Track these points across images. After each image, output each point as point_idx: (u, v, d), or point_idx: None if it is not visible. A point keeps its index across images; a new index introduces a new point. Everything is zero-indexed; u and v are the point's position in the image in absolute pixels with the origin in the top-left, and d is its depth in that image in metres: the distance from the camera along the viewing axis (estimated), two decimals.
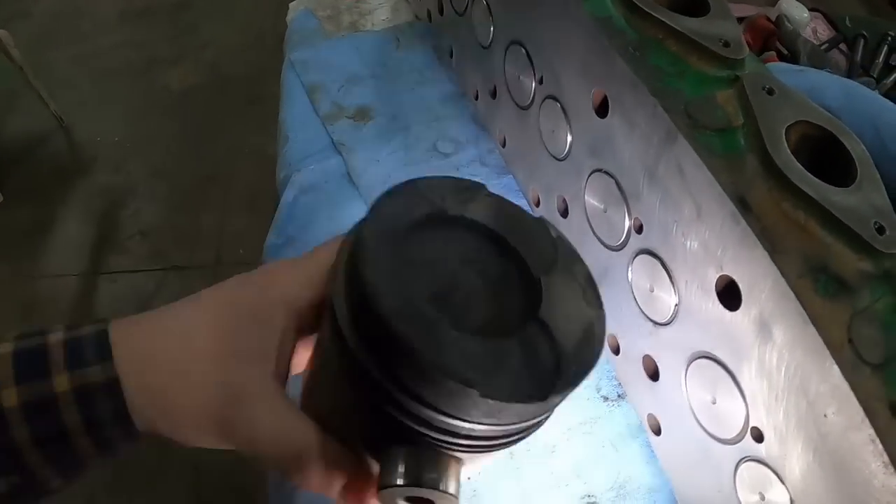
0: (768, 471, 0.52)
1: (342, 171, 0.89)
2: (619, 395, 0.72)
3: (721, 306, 0.52)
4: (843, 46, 1.20)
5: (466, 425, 0.38)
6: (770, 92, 0.55)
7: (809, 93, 0.60)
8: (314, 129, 0.94)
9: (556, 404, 0.40)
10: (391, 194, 0.41)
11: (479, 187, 0.45)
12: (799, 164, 0.50)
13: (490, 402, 0.35)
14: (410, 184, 0.43)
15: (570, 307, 0.41)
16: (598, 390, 0.73)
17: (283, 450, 0.42)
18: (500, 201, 0.45)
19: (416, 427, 0.39)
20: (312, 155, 0.91)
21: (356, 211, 0.83)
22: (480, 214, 0.44)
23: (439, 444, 0.40)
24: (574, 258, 0.45)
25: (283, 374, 0.44)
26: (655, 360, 0.63)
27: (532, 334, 0.39)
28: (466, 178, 0.45)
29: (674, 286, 0.57)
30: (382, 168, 0.89)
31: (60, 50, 3.12)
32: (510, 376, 0.36)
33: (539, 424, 0.42)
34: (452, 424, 0.38)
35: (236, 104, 2.83)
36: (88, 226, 2.42)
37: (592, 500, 0.67)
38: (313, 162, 0.89)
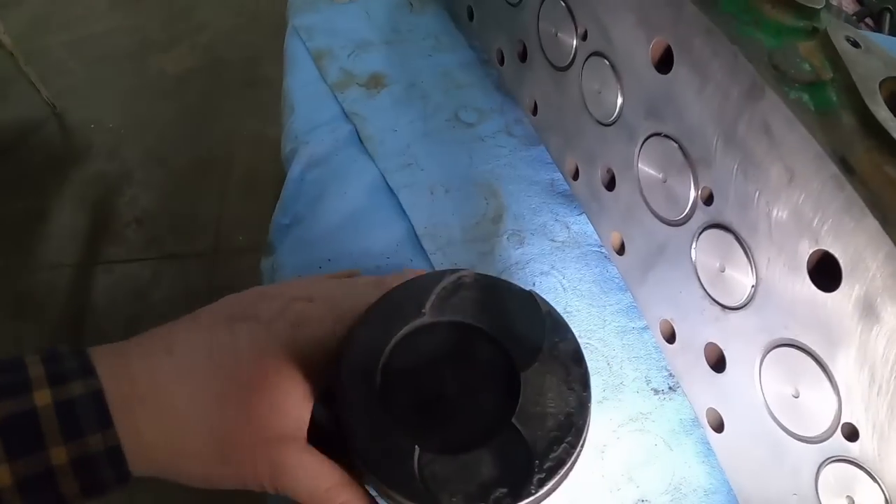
0: (861, 472, 0.46)
1: (354, 140, 0.83)
2: (670, 388, 0.66)
3: (813, 286, 0.46)
4: (868, 20, 1.19)
5: None
6: (855, 45, 0.49)
7: None
8: (322, 98, 0.88)
9: (542, 498, 0.42)
10: (366, 322, 0.46)
11: (462, 276, 0.48)
12: None
13: None
14: (385, 300, 0.47)
15: (550, 400, 0.44)
16: (648, 382, 0.66)
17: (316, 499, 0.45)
18: (485, 284, 0.49)
19: None
20: (321, 126, 0.84)
21: (369, 185, 0.79)
22: (461, 310, 0.47)
23: None
24: (562, 334, 0.47)
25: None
26: (722, 348, 0.57)
27: (506, 440, 0.42)
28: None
29: (752, 265, 0.51)
30: (401, 138, 0.82)
31: (53, 36, 3.10)
32: (481, 489, 0.40)
33: None
34: None
35: (232, 88, 2.81)
36: (83, 214, 2.39)
37: None
38: (322, 133, 0.83)
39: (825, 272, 0.45)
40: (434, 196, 0.76)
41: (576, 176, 0.75)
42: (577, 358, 0.46)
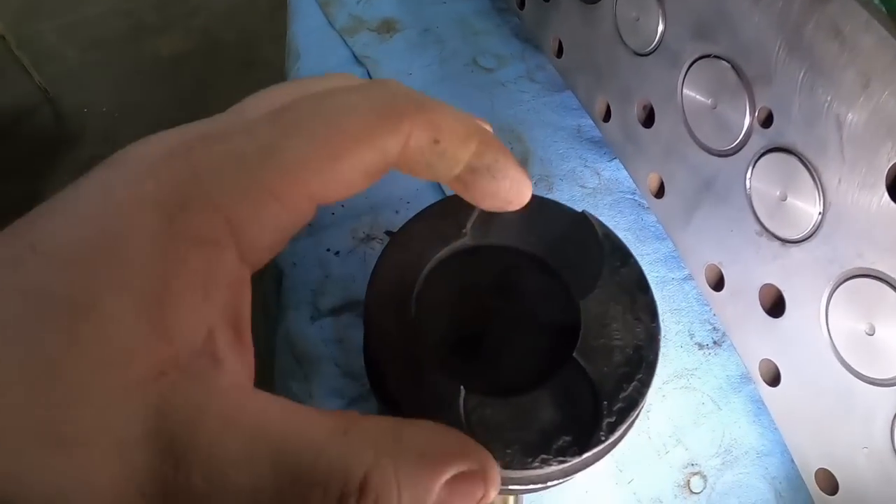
0: None
1: None
2: (715, 342, 0.62)
3: (893, 203, 0.42)
4: None
5: (503, 486, 0.35)
6: None
7: None
8: (331, 43, 0.84)
9: (611, 446, 0.37)
10: (396, 242, 0.40)
11: None
12: None
13: (515, 472, 0.34)
14: (420, 219, 0.41)
15: (615, 331, 0.38)
16: (692, 336, 0.62)
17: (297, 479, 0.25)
18: (532, 205, 0.41)
19: None
20: (330, 69, 0.81)
21: None
22: (507, 232, 0.41)
23: None
24: (623, 259, 0.41)
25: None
26: (780, 289, 0.53)
27: (566, 378, 0.36)
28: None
29: (819, 188, 0.47)
30: (415, 82, 0.78)
31: (45, 21, 3.08)
32: (539, 436, 0.34)
33: (601, 458, 0.37)
34: None
35: (228, 70, 2.80)
36: None
37: (696, 469, 0.57)
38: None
39: None
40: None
41: (607, 117, 0.70)
42: (643, 285, 0.40)
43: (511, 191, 0.35)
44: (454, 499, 0.28)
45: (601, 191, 0.70)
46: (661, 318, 0.61)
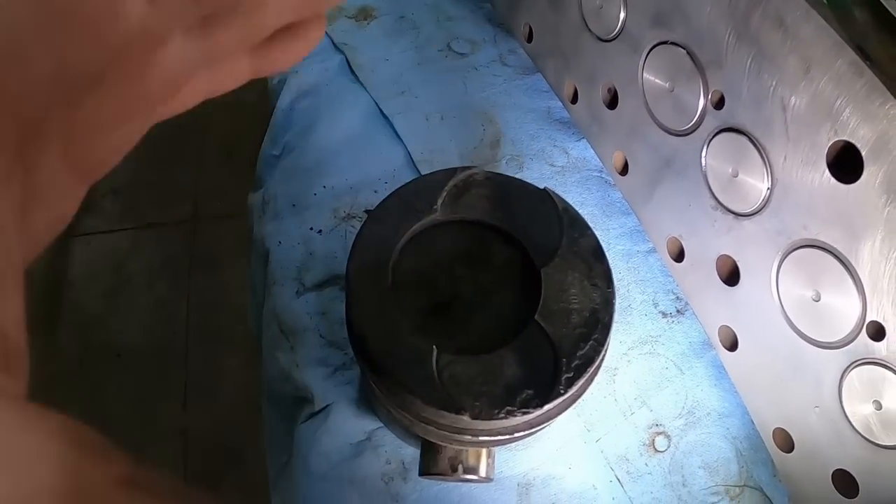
0: (889, 373, 0.46)
1: (345, 70, 0.82)
2: (678, 311, 0.65)
3: (834, 179, 0.46)
4: None
5: (473, 437, 0.40)
6: None
7: None
8: None
9: (570, 400, 0.41)
10: (373, 218, 0.43)
11: (472, 173, 0.46)
12: None
13: (483, 422, 0.38)
14: (394, 196, 0.45)
15: (573, 296, 0.42)
16: (656, 305, 0.65)
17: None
18: (498, 183, 0.46)
19: (437, 430, 0.41)
20: (310, 56, 0.82)
21: (363, 113, 0.78)
22: (475, 208, 0.45)
23: (462, 442, 0.42)
24: (581, 230, 0.45)
25: None
26: (735, 259, 0.56)
27: (529, 338, 0.40)
28: (465, 164, 0.47)
29: (767, 165, 0.50)
30: (392, 67, 0.81)
31: None
32: (504, 390, 0.38)
33: (562, 411, 0.42)
34: (462, 437, 0.41)
35: None
36: None
37: (661, 429, 0.60)
38: (312, 63, 0.81)
39: (843, 167, 0.45)
40: (430, 122, 0.75)
41: (574, 99, 0.74)
42: (598, 254, 0.44)
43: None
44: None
45: (570, 169, 0.73)
46: (626, 288, 0.65)
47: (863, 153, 0.43)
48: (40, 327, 1.84)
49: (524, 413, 0.38)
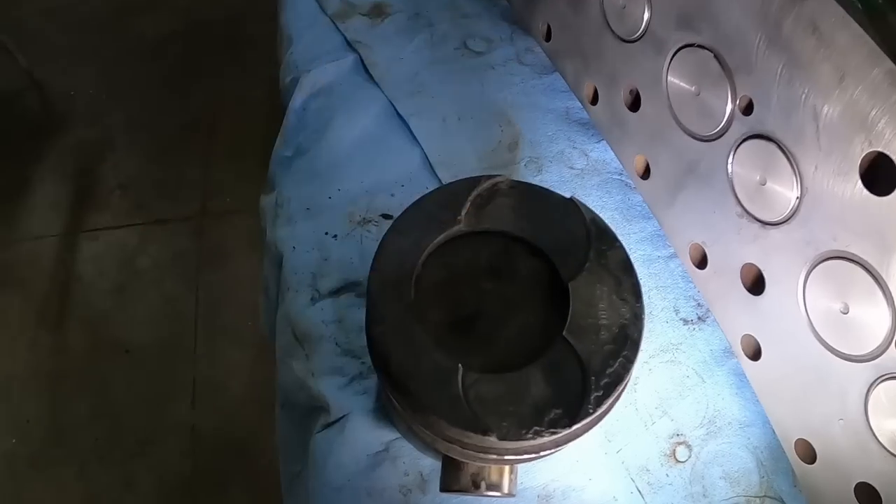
0: None
1: (359, 69, 0.81)
2: (699, 318, 0.65)
3: (866, 191, 0.45)
4: None
5: (498, 457, 0.39)
6: None
7: None
8: (323, 29, 0.85)
9: (599, 418, 0.40)
10: (395, 229, 0.42)
11: (497, 182, 0.45)
12: None
13: (510, 443, 0.37)
14: (417, 207, 0.43)
15: (602, 311, 0.41)
16: (677, 312, 0.65)
17: None
18: (523, 192, 0.45)
19: (461, 449, 0.40)
20: (323, 55, 0.82)
21: (378, 113, 0.77)
22: (499, 218, 0.44)
23: (486, 460, 0.41)
24: (610, 243, 0.44)
25: None
26: (760, 268, 0.55)
27: (556, 355, 0.39)
28: (487, 172, 0.46)
29: (796, 174, 0.49)
30: (407, 66, 0.80)
31: (27, 5, 3.02)
32: (532, 410, 0.37)
33: (590, 429, 0.41)
34: (486, 456, 0.40)
35: (215, 49, 2.77)
36: (66, 183, 2.34)
37: (682, 439, 0.60)
38: (325, 62, 0.81)
39: (879, 174, 0.44)
40: (447, 123, 0.74)
41: (594, 100, 0.73)
42: (627, 267, 0.43)
43: None
44: None
45: (589, 172, 0.72)
46: (647, 294, 0.64)
47: None
48: (48, 323, 1.84)
49: (552, 433, 0.37)
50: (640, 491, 0.58)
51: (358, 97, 0.78)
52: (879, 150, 0.42)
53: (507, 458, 0.40)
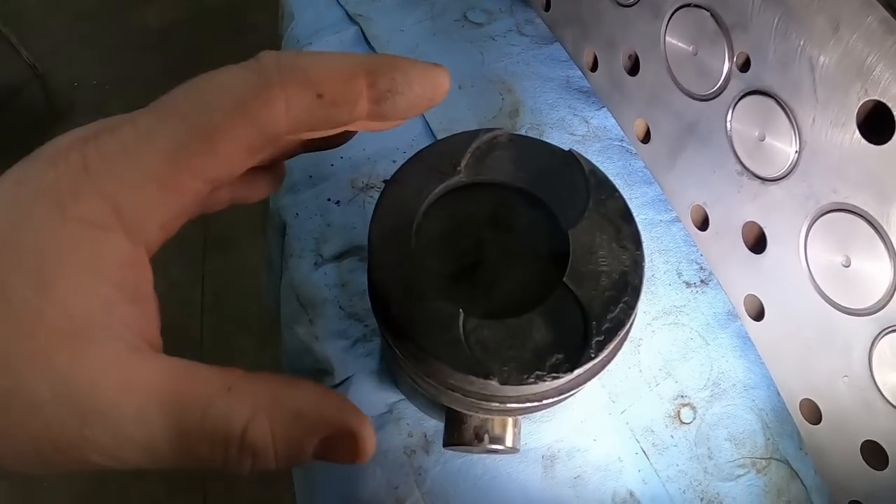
0: None
1: (360, 41, 0.82)
2: (702, 281, 0.65)
3: (864, 140, 0.45)
4: None
5: (501, 405, 0.40)
6: None
7: None
8: (324, 3, 0.86)
9: (600, 365, 0.41)
10: (396, 180, 0.43)
11: (496, 135, 0.45)
12: None
13: (512, 387, 0.37)
14: (417, 159, 0.44)
15: (602, 258, 0.41)
16: (680, 275, 0.65)
17: (189, 436, 0.28)
18: (522, 145, 0.46)
19: (463, 398, 0.40)
20: (324, 29, 0.82)
21: None
22: (499, 170, 0.44)
23: (489, 410, 0.41)
24: (609, 192, 0.44)
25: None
26: (762, 226, 0.56)
27: (557, 301, 0.39)
28: (486, 127, 0.46)
29: (795, 128, 0.50)
30: (408, 37, 0.81)
31: None
32: (533, 354, 0.38)
33: (592, 377, 0.41)
34: (489, 405, 0.40)
35: (219, 38, 2.78)
36: None
37: (686, 401, 0.60)
38: (327, 35, 0.81)
39: (874, 128, 0.44)
40: (448, 92, 0.75)
41: (594, 67, 0.73)
42: (627, 215, 0.43)
43: (424, 93, 0.33)
44: (329, 456, 0.31)
45: (590, 138, 0.73)
46: (649, 257, 0.65)
47: (895, 112, 0.42)
48: None
49: (554, 378, 0.37)
50: (644, 452, 0.58)
51: None
52: (876, 97, 0.43)
53: (509, 406, 0.40)
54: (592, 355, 0.38)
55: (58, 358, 0.26)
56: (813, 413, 0.56)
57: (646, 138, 0.68)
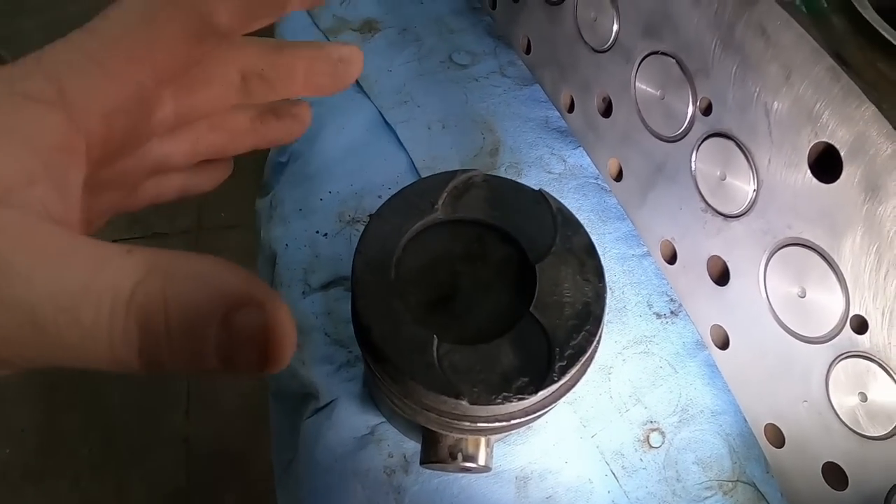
0: (873, 365, 0.48)
1: None
2: (671, 312, 0.68)
3: (815, 179, 0.48)
4: None
5: (472, 424, 0.43)
6: None
7: None
8: (312, 39, 0.88)
9: (564, 389, 0.44)
10: (378, 216, 0.47)
11: (471, 176, 0.49)
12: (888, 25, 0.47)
13: (481, 407, 0.40)
14: (398, 196, 0.48)
15: (566, 290, 0.44)
16: (650, 307, 0.68)
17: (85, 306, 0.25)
18: (495, 184, 0.49)
19: (437, 417, 0.43)
20: None
21: (367, 121, 0.80)
22: (474, 208, 0.48)
23: (462, 430, 0.44)
24: (574, 229, 0.47)
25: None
26: (725, 260, 0.58)
27: (524, 329, 0.43)
28: (465, 167, 0.50)
29: (752, 168, 0.53)
30: (396, 78, 0.83)
31: (27, 19, 3.04)
32: (501, 378, 0.41)
33: (556, 400, 0.44)
34: (461, 424, 0.43)
35: None
36: None
37: (655, 426, 0.63)
38: None
39: (824, 168, 0.47)
40: (431, 131, 0.78)
41: (571, 108, 0.76)
42: (591, 251, 0.46)
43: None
44: (235, 340, 0.25)
45: (567, 176, 0.76)
46: (621, 290, 0.67)
47: (842, 153, 0.45)
48: None
49: (520, 399, 0.40)
50: (614, 474, 0.60)
51: (348, 106, 0.81)
52: (825, 140, 0.46)
53: (480, 426, 0.43)
54: (556, 378, 0.41)
55: None
56: (777, 437, 0.58)
57: (618, 177, 0.70)
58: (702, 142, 0.57)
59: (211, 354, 0.25)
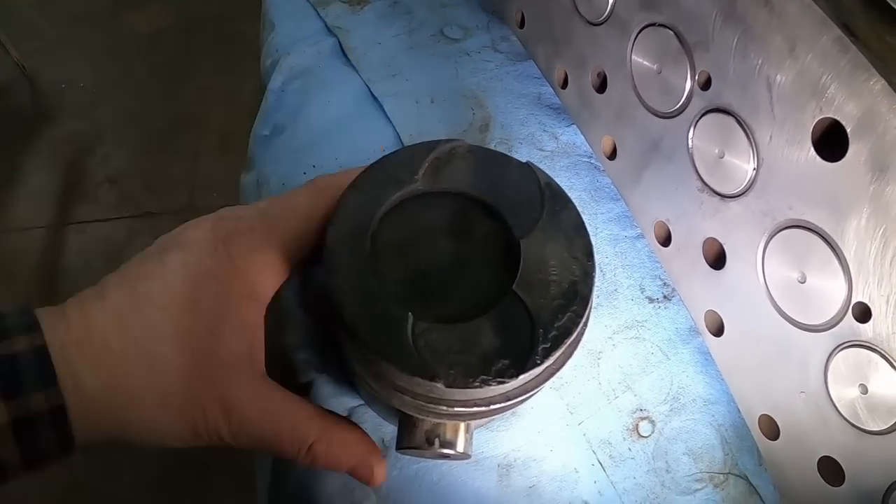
0: (874, 355, 0.45)
1: (337, 53, 0.82)
2: (664, 297, 0.65)
3: (819, 158, 0.45)
4: None
5: (449, 409, 0.40)
6: None
7: None
8: (304, 14, 0.87)
9: (548, 373, 0.41)
10: (356, 187, 0.43)
11: (455, 146, 0.46)
12: None
13: (457, 390, 0.37)
14: (376, 166, 0.44)
15: (552, 268, 0.41)
16: (643, 290, 0.65)
17: (284, 443, 0.43)
18: (480, 155, 0.46)
19: (412, 401, 0.40)
20: (303, 39, 0.83)
21: (354, 94, 0.78)
22: (456, 180, 0.45)
23: (439, 414, 0.41)
24: (563, 204, 0.44)
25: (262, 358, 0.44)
26: (721, 242, 0.56)
27: (506, 309, 0.40)
28: (448, 136, 0.49)
29: (752, 145, 0.50)
30: (384, 51, 0.81)
31: None
32: (480, 359, 0.38)
33: (539, 385, 0.41)
34: (438, 408, 0.40)
35: (206, 45, 2.79)
36: (54, 175, 2.36)
37: (645, 414, 0.60)
38: (304, 45, 0.82)
39: (828, 145, 0.44)
40: (420, 105, 0.75)
41: (564, 84, 0.73)
42: (579, 227, 0.43)
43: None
44: (354, 473, 0.46)
45: (559, 154, 0.73)
46: (613, 272, 0.65)
47: (848, 130, 0.42)
48: None
49: (499, 383, 0.37)
50: (601, 463, 0.58)
51: (335, 79, 0.78)
52: (830, 115, 0.43)
53: (457, 410, 0.40)
54: (538, 361, 0.38)
55: (220, 378, 0.40)
56: (771, 429, 0.56)
57: (612, 155, 0.68)
58: (700, 118, 0.54)
59: (341, 469, 0.46)
